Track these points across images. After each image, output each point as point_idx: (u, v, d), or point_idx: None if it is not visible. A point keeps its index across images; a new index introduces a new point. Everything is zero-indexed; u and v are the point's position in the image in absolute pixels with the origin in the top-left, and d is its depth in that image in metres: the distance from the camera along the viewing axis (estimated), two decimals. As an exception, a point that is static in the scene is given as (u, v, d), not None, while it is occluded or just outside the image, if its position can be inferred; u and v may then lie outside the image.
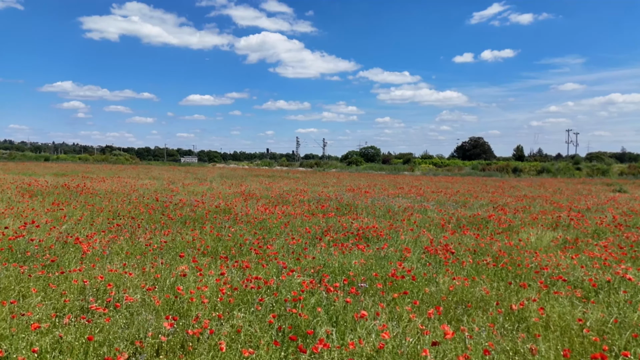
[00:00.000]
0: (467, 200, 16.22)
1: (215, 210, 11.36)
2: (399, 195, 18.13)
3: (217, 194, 17.00)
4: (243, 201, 14.31)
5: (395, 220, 10.73)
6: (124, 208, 11.39)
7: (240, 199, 15.11)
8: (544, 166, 48.66)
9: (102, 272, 5.35)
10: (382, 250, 6.97)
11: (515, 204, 15.30)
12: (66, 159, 70.63)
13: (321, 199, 15.29)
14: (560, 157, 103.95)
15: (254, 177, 32.40)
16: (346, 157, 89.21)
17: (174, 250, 7.08)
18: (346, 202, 14.08)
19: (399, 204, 14.09)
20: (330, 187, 23.50)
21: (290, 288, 4.91)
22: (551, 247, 8.34)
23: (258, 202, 14.24)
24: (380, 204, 13.83)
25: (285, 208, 12.70)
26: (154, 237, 7.89)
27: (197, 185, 21.40)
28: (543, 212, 12.81)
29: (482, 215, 11.73)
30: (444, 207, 13.91)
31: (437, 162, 79.03)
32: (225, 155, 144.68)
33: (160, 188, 19.24)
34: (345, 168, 64.23)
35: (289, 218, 10.40)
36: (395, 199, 16.49)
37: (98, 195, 14.68)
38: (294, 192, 19.25)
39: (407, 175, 46.08)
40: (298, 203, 14.21)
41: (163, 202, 12.86)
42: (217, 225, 9.19)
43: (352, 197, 16.51)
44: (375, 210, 12.43)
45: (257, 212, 11.08)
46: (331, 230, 8.85)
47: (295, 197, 15.73)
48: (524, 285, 5.27)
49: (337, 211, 12.37)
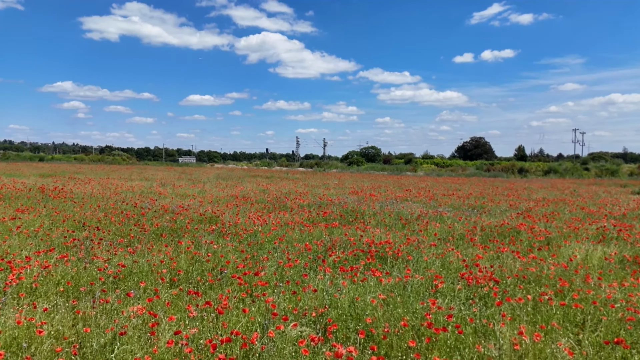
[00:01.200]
0: (485, 204, 14.52)
1: (200, 219, 9.67)
2: (408, 198, 16.44)
3: (208, 197, 15.32)
4: (235, 206, 12.62)
5: (410, 231, 9.05)
6: (93, 216, 9.70)
7: (232, 203, 13.42)
8: (550, 166, 46.89)
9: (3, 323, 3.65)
10: (405, 279, 5.28)
11: (540, 209, 13.60)
12: (61, 159, 68.82)
13: (323, 204, 13.61)
14: (562, 157, 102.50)
15: (251, 178, 30.70)
16: (347, 157, 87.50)
17: (133, 279, 5.40)
18: (351, 208, 12.40)
19: (411, 210, 12.41)
20: (332, 189, 21.81)
21: (281, 356, 3.22)
22: (605, 266, 6.66)
23: (252, 208, 12.56)
24: (390, 210, 12.15)
25: (282, 215, 11.02)
26: (114, 257, 6.21)
27: (189, 187, 19.71)
28: (576, 220, 11.12)
29: (509, 223, 10.04)
30: (461, 213, 12.24)
31: (439, 162, 77.37)
32: (225, 156, 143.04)
33: (147, 190, 17.56)
34: (346, 168, 62.51)
35: (286, 229, 8.71)
36: (404, 203, 14.81)
37: (73, 199, 12.98)
38: (292, 194, 17.57)
39: (410, 176, 44.39)
40: (297, 208, 12.54)
41: (142, 208, 11.17)
42: (199, 239, 7.52)
43: (357, 201, 14.82)
44: (385, 218, 10.75)
45: (249, 221, 9.39)
46: (336, 246, 7.16)
47: (293, 201, 14.05)
48: (622, 344, 3.57)
49: (341, 219, 10.69)
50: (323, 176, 38.16)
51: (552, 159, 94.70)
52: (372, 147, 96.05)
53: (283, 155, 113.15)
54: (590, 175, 44.62)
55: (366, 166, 63.12)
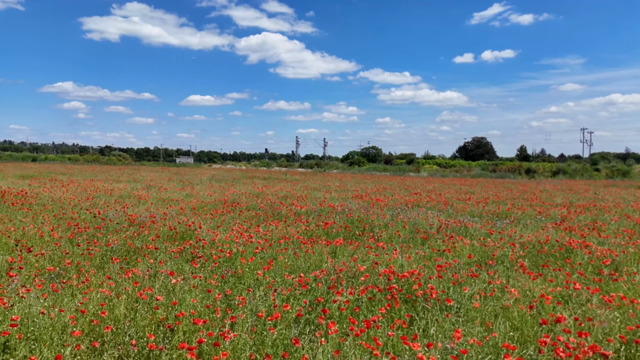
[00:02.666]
0: (510, 211, 12.52)
1: (170, 234, 7.69)
2: (419, 204, 14.46)
3: (193, 202, 13.35)
4: (220, 215, 10.64)
5: (436, 251, 7.06)
6: (39, 229, 7.72)
7: (218, 210, 11.45)
8: (558, 167, 44.82)
9: None
10: (452, 347, 3.31)
11: (577, 217, 11.61)
12: (55, 159, 66.69)
13: (323, 211, 11.63)
14: (563, 157, 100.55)
15: (247, 180, 28.73)
16: (347, 158, 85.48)
17: (29, 345, 3.43)
18: (357, 217, 10.42)
19: (427, 219, 10.43)
20: (334, 191, 19.83)
21: None
22: None
23: (240, 216, 10.58)
24: (403, 219, 10.17)
25: (275, 226, 9.05)
26: (20, 302, 4.23)
27: (176, 190, 17.73)
28: (631, 233, 9.13)
29: (552, 238, 8.06)
30: (485, 222, 10.28)
31: (441, 162, 75.46)
32: (225, 156, 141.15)
33: (127, 194, 15.59)
34: (347, 169, 60.47)
35: (276, 249, 6.73)
36: (416, 209, 12.84)
37: (31, 207, 11.01)
38: (289, 198, 15.60)
39: (413, 177, 42.40)
40: (293, 217, 10.56)
41: (104, 219, 9.18)
42: (159, 265, 5.55)
43: (362, 207, 12.84)
44: (399, 230, 8.76)
45: (231, 238, 7.40)
46: (343, 278, 5.18)
47: (289, 208, 12.08)
48: None
49: (346, 232, 8.71)
50: (323, 177, 36.18)
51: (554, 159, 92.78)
52: (373, 147, 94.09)
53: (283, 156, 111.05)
54: (600, 176, 42.59)
55: (368, 166, 61.08)
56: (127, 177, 28.09)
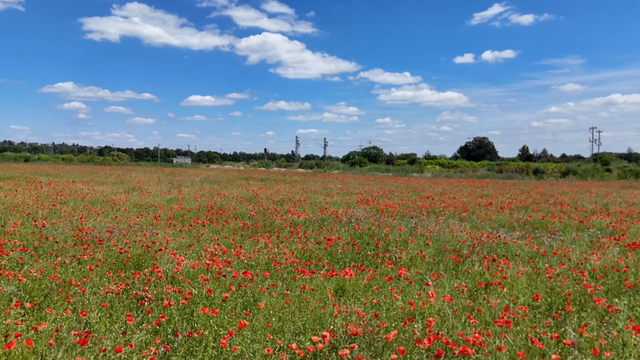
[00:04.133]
0: (545, 221, 10.51)
1: (120, 260, 5.71)
2: (434, 209, 12.48)
3: (175, 209, 11.39)
4: (199, 227, 8.68)
5: (483, 285, 5.08)
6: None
7: (199, 220, 9.49)
8: (568, 167, 42.77)
9: None
10: None
11: (629, 228, 9.61)
12: (48, 159, 64.58)
13: (325, 221, 9.66)
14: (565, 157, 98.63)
15: (243, 181, 26.76)
16: (348, 158, 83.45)
17: None
18: (366, 229, 8.44)
19: (451, 230, 8.46)
20: (335, 195, 17.85)
21: None
22: None
23: (224, 228, 8.61)
24: (423, 232, 8.19)
25: (264, 242, 7.10)
26: None
27: (160, 194, 15.75)
28: None
29: (628, 263, 6.09)
30: (520, 235, 8.33)
31: (444, 162, 73.49)
32: (225, 156, 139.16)
33: (103, 198, 13.61)
34: (349, 169, 58.45)
35: (258, 287, 4.75)
36: (432, 217, 10.88)
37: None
38: (286, 203, 13.64)
39: (417, 178, 40.41)
40: (289, 228, 8.60)
41: (54, 233, 7.20)
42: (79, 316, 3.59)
43: (370, 214, 10.88)
44: (422, 250, 6.79)
45: (200, 266, 5.42)
46: (357, 342, 3.22)
47: (285, 217, 10.11)
48: None
49: (355, 251, 6.75)
50: (324, 178, 34.20)
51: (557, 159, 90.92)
52: (374, 147, 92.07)
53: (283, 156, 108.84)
54: (612, 177, 40.58)
55: (369, 167, 59.03)
56: (116, 178, 26.12)
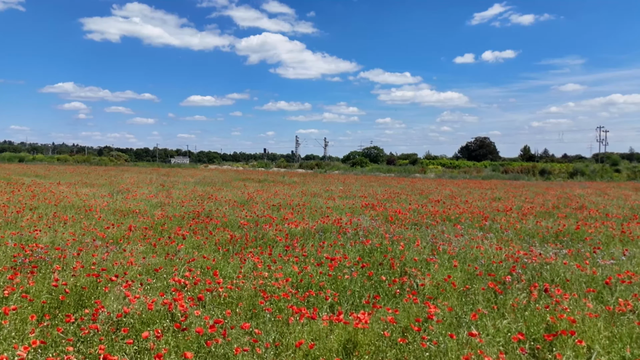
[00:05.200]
0: (580, 232, 9.08)
1: (55, 296, 4.29)
2: (449, 216, 11.05)
3: (156, 216, 9.98)
4: (178, 240, 7.26)
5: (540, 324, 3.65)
6: None
7: (180, 230, 8.07)
8: (576, 167, 41.28)
9: None
10: None
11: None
12: (43, 159, 63.09)
13: (327, 232, 8.24)
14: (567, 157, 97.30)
15: (240, 182, 25.33)
16: (348, 158, 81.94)
17: None
18: (378, 244, 7.02)
19: (478, 245, 7.04)
20: (337, 197, 16.44)
21: None
22: None
23: (206, 243, 7.20)
24: (445, 247, 6.77)
25: (253, 262, 5.69)
26: None
27: (145, 198, 14.32)
28: None
29: None
30: (557, 250, 6.93)
31: (446, 162, 72.13)
32: (225, 156, 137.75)
33: (79, 203, 12.18)
34: (349, 170, 56.96)
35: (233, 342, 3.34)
36: (448, 226, 9.47)
37: None
38: (284, 208, 12.23)
39: (421, 178, 38.98)
40: (284, 242, 7.19)
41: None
42: None
43: (378, 221, 9.47)
44: (449, 273, 5.38)
45: (158, 308, 4.00)
46: None
47: (280, 226, 8.69)
48: None
49: (365, 275, 5.33)
50: (324, 179, 32.77)
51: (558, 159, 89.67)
52: (375, 147, 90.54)
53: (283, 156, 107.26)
54: (621, 177, 39.12)
55: (371, 167, 57.51)
56: (106, 179, 24.70)
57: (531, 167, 42.92)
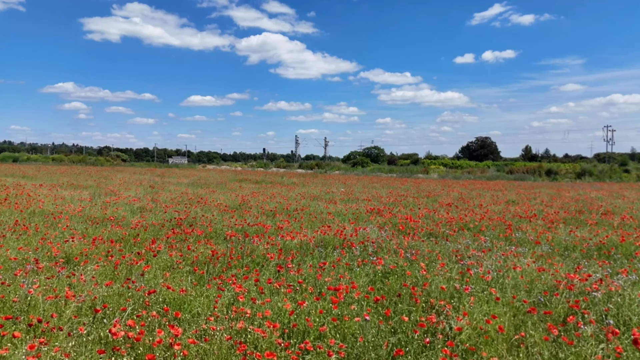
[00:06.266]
0: (627, 243, 7.72)
1: None
2: (467, 223, 9.69)
3: (132, 224, 8.63)
4: (149, 258, 5.91)
5: None
6: None
7: (155, 244, 6.72)
8: (584, 168, 39.91)
9: None
10: None
11: None
12: (38, 159, 61.68)
13: (328, 245, 6.90)
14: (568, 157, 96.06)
15: (236, 183, 23.98)
16: (349, 158, 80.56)
17: None
18: (392, 265, 5.66)
19: (515, 265, 5.69)
20: (339, 201, 15.08)
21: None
22: None
23: (181, 263, 5.84)
24: (476, 268, 5.42)
25: (234, 291, 4.35)
26: None
27: (128, 202, 12.95)
28: None
29: None
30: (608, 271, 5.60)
31: (448, 162, 70.77)
32: (225, 156, 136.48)
33: (53, 209, 10.84)
34: (350, 170, 55.57)
35: None
36: (468, 236, 8.12)
37: None
38: (280, 214, 10.88)
39: (424, 179, 37.63)
40: (275, 260, 5.84)
41: None
42: None
43: (392, 236, 8.11)
44: (494, 311, 4.03)
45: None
46: None
47: (273, 238, 7.34)
48: None
49: (379, 312, 3.99)
50: (325, 180, 31.40)
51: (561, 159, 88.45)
52: (375, 147, 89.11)
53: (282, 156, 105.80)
54: (631, 178, 37.77)
55: (372, 167, 56.10)
56: (95, 180, 23.35)
57: (537, 167, 41.53)
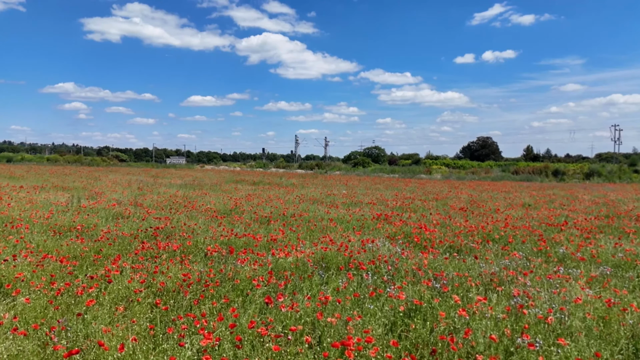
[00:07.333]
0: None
1: None
2: (491, 234, 8.33)
3: (100, 234, 7.27)
4: (103, 285, 4.56)
5: None
6: None
7: (120, 260, 5.36)
8: (592, 168, 38.52)
9: None
10: None
11: None
12: (32, 159, 60.19)
13: (330, 263, 5.56)
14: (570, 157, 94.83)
15: (232, 184, 22.62)
16: (349, 158, 79.18)
17: None
18: (416, 300, 4.32)
19: (575, 297, 4.36)
20: (341, 204, 13.73)
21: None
22: None
23: (147, 289, 4.49)
24: (526, 301, 4.08)
25: (199, 345, 2.99)
26: None
27: (108, 205, 11.58)
28: None
29: None
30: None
31: (449, 163, 69.38)
32: (224, 157, 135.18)
33: (17, 215, 9.48)
34: (351, 170, 54.17)
35: None
36: (493, 248, 6.77)
37: None
38: (275, 220, 9.53)
39: (428, 180, 36.26)
40: (263, 288, 4.50)
41: None
42: None
43: (404, 248, 6.77)
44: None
45: None
46: None
47: (263, 255, 5.99)
48: None
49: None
50: (325, 181, 30.02)
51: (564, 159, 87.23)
52: (376, 147, 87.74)
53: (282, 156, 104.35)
54: (640, 178, 36.43)
55: (373, 167, 54.70)
56: (84, 181, 22.00)
57: (543, 167, 40.13)
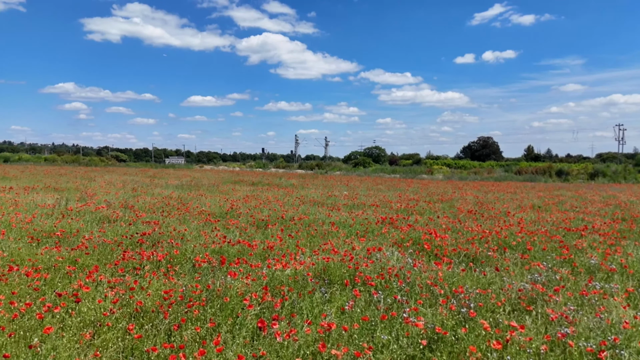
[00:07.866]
0: None
1: None
2: (507, 240, 7.66)
3: (79, 241, 6.60)
4: (72, 303, 3.88)
5: None
6: None
7: (97, 272, 4.69)
8: (596, 168, 37.84)
9: None
10: None
11: None
12: (29, 159, 59.52)
13: (333, 276, 4.88)
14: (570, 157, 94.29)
15: (230, 185, 21.95)
16: (350, 158, 78.52)
17: None
18: (438, 327, 3.65)
19: (626, 323, 3.71)
20: (343, 206, 13.06)
21: None
22: None
23: (123, 309, 3.82)
24: (564, 325, 3.42)
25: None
26: None
27: (93, 210, 10.90)
28: None
29: None
30: None
31: (450, 163, 68.72)
32: (225, 157, 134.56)
33: None
34: (352, 170, 53.47)
35: None
36: (511, 256, 6.10)
37: None
38: (273, 224, 8.86)
39: (430, 180, 35.57)
40: (255, 311, 3.83)
41: None
42: None
43: (415, 257, 6.10)
44: None
45: None
46: None
47: (257, 266, 5.32)
48: None
49: None
50: (326, 181, 29.34)
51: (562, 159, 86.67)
52: (377, 147, 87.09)
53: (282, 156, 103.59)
54: (646, 179, 35.74)
55: (374, 168, 54.01)
56: (77, 182, 21.32)
57: (547, 167, 39.44)
